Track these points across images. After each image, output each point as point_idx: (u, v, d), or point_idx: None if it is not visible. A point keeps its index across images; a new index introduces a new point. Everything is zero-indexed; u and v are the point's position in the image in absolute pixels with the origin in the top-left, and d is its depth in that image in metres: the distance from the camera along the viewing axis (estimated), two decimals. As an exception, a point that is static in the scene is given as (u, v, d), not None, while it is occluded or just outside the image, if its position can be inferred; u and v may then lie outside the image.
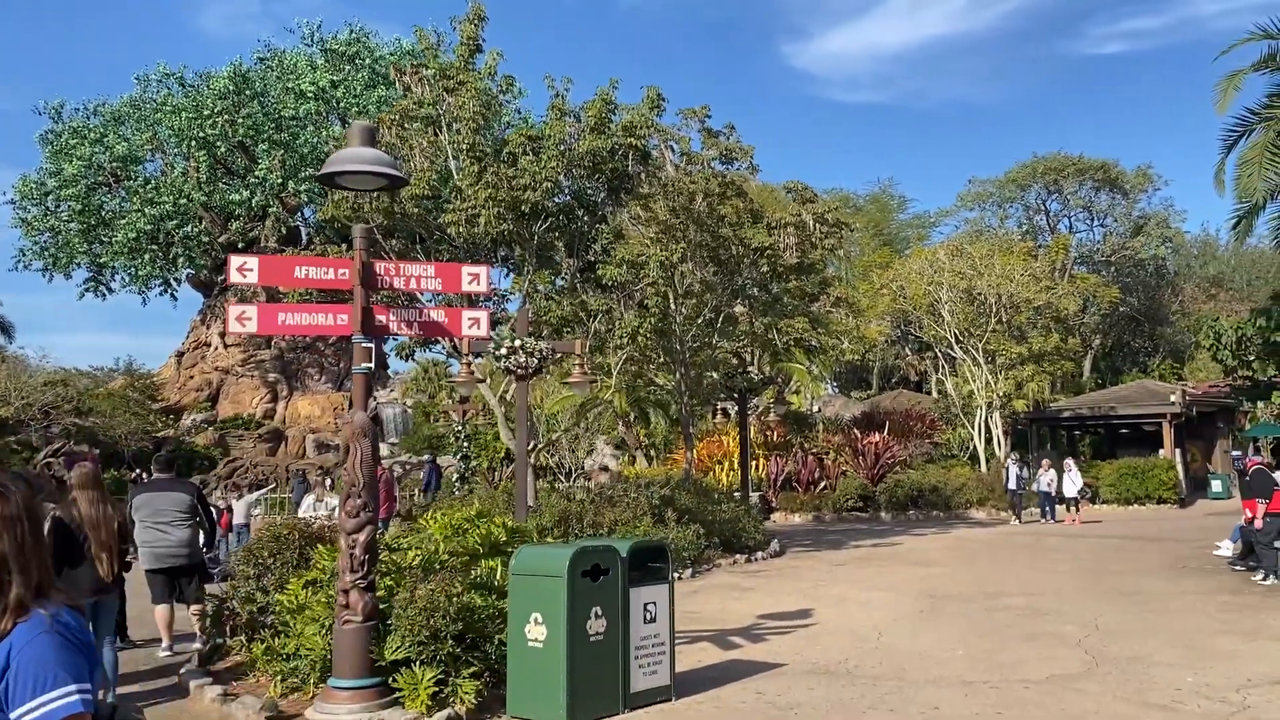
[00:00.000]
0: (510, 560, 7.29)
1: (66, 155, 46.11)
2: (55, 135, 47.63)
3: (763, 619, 11.80)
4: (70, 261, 48.57)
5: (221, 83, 45.27)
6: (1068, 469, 26.27)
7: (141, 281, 49.63)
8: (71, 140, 46.54)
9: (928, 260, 35.11)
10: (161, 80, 47.99)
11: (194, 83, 47.36)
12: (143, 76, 48.49)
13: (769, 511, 29.92)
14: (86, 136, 46.77)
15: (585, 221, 16.47)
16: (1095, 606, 12.06)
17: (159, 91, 48.14)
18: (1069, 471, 26.12)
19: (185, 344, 56.33)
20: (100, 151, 46.51)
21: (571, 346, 14.56)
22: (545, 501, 15.92)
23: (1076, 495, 25.77)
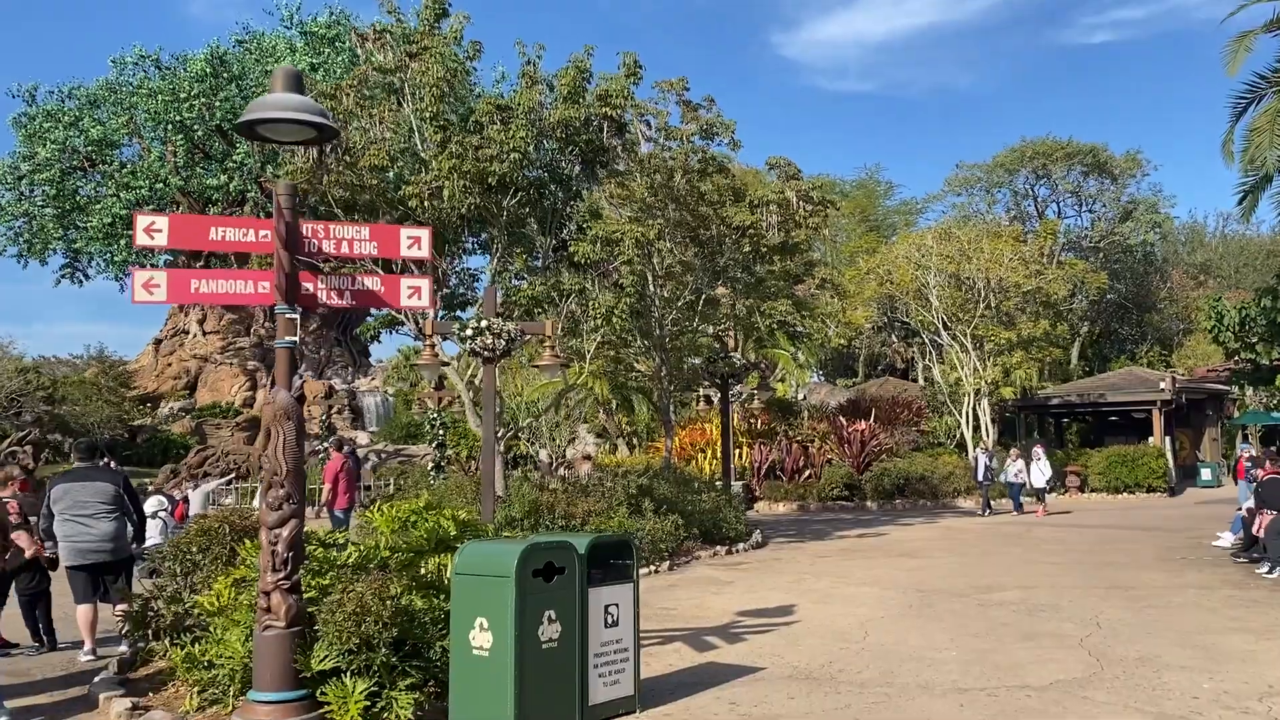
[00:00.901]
0: (454, 558, 6.50)
1: (40, 139, 44.92)
2: (29, 119, 46.40)
3: (742, 616, 11.06)
4: (45, 247, 47.43)
5: (199, 65, 44.20)
6: (1035, 458, 24.92)
7: (118, 267, 48.59)
8: (46, 123, 45.32)
9: (915, 244, 34.38)
10: (138, 63, 46.80)
11: (170, 65, 46.24)
12: (119, 59, 47.28)
13: (752, 501, 29.24)
14: (61, 120, 45.58)
15: (559, 197, 15.64)
16: (1094, 602, 11.37)
17: (135, 74, 46.95)
18: (1037, 461, 24.78)
19: (163, 331, 55.43)
20: (75, 135, 45.36)
21: (541, 328, 13.79)
22: (515, 492, 15.14)
23: (1044, 485, 24.65)
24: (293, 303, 6.40)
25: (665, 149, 18.34)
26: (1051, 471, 24.99)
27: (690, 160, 18.52)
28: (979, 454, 25.66)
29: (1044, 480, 24.50)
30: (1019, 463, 24.84)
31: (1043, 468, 24.50)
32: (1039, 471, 24.47)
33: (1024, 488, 24.54)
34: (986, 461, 24.92)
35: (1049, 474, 24.75)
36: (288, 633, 6.21)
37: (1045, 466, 24.58)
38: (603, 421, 38.30)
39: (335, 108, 14.13)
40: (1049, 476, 24.77)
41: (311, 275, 6.60)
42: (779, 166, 18.58)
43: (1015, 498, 24.63)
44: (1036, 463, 24.53)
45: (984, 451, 25.65)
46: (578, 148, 14.82)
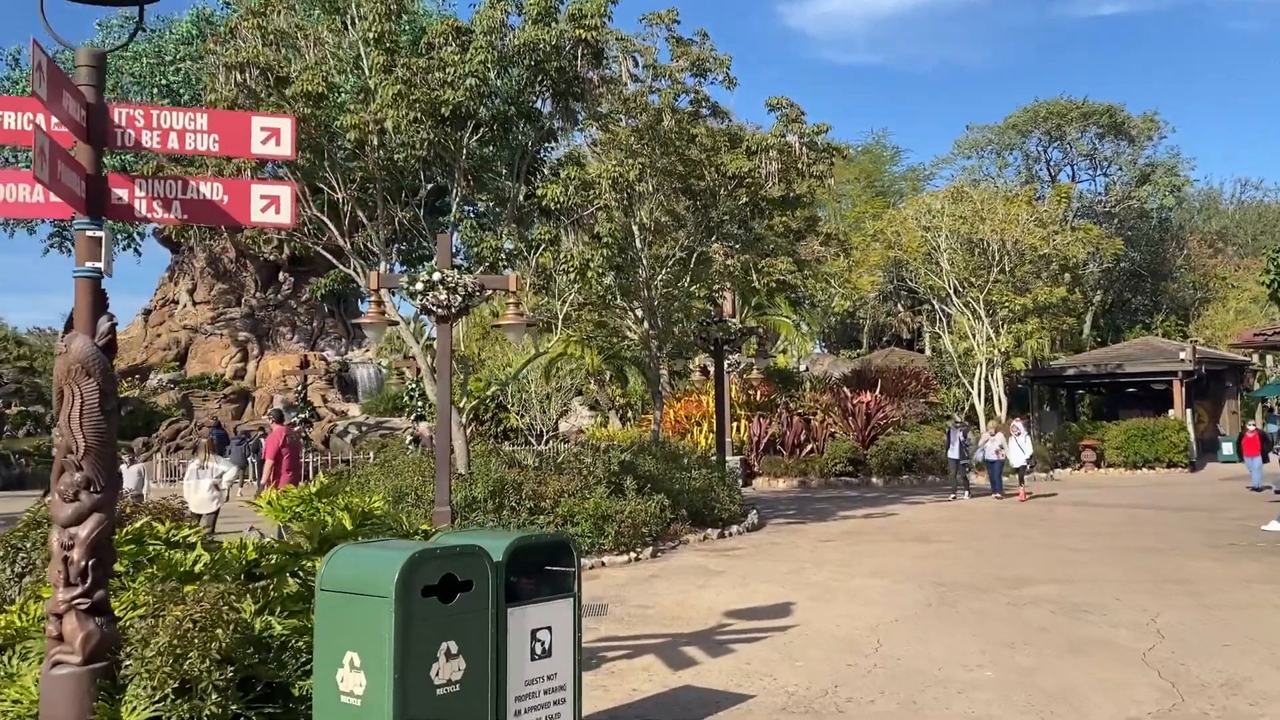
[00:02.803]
0: (320, 567, 4.75)
1: (25, 104, 43.08)
2: (13, 83, 44.60)
3: (730, 617, 9.35)
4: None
5: (184, 27, 42.44)
6: (1015, 433, 22.19)
7: (104, 236, 46.82)
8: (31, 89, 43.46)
9: (925, 206, 32.45)
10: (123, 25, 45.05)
11: (156, 28, 44.44)
12: (104, 22, 45.50)
13: (750, 477, 27.58)
14: (46, 85, 43.72)
15: (529, 135, 13.82)
16: (1146, 600, 9.65)
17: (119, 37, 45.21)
18: (1017, 436, 22.05)
19: (153, 301, 53.91)
20: (60, 100, 43.56)
21: (504, 281, 11.96)
22: (479, 470, 13.42)
23: (1025, 464, 21.79)
24: (98, 215, 4.63)
25: (653, 90, 16.51)
26: (1032, 449, 22.44)
27: (681, 100, 16.70)
28: (951, 427, 22.81)
29: (1024, 458, 21.80)
30: (998, 438, 22.22)
31: (1023, 444, 21.90)
32: (1019, 449, 21.79)
33: (1004, 466, 21.88)
34: (960, 436, 22.04)
35: (1029, 452, 22.15)
36: (85, 671, 4.49)
37: (1026, 443, 22.05)
38: (595, 393, 36.57)
39: (264, 26, 12.28)
40: (1029, 455, 22.15)
41: (127, 179, 4.82)
42: (780, 108, 16.71)
43: (995, 478, 21.88)
44: (1016, 438, 21.96)
45: (958, 425, 22.81)
46: (548, 78, 12.98)
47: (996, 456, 21.77)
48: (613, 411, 35.66)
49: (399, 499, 12.67)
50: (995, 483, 21.76)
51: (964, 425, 23.13)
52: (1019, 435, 21.91)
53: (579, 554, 5.23)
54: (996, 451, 21.80)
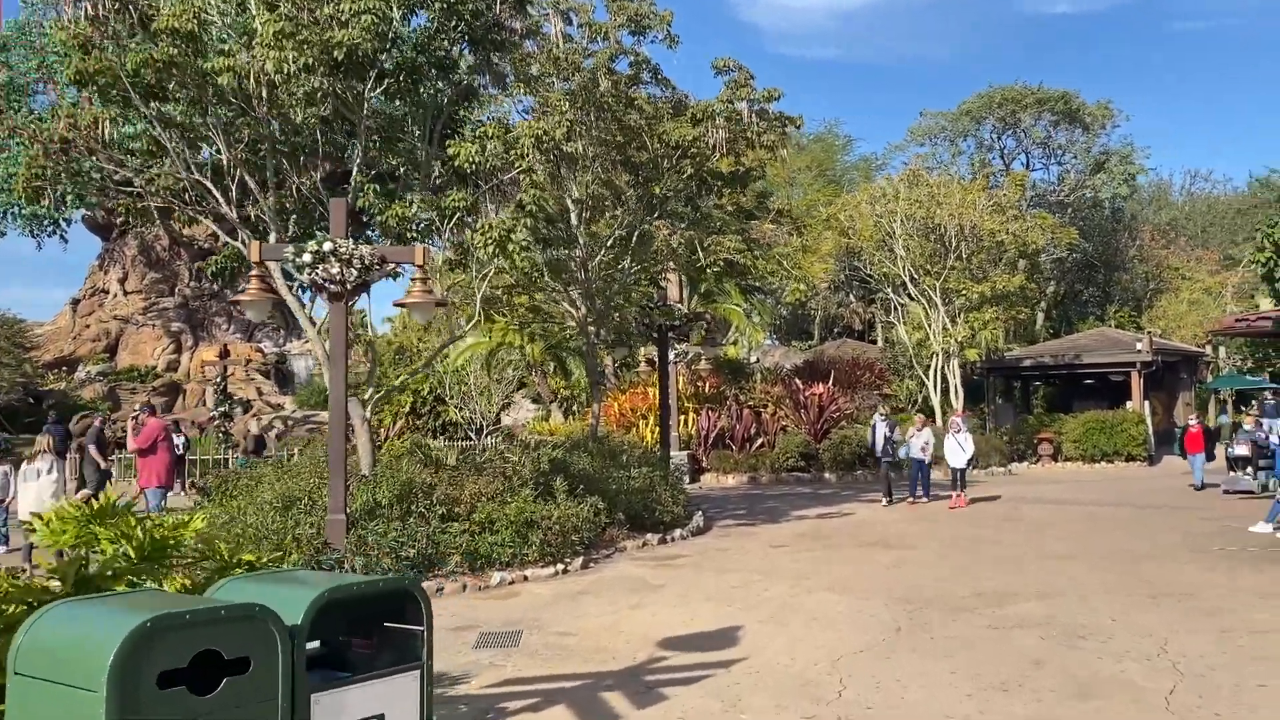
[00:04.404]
0: (15, 640, 3.14)
1: (-56, 85, 40.28)
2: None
3: (666, 648, 7.85)
4: (-52, 203, 42.77)
5: (116, 5, 39.82)
6: (954, 429, 18.80)
7: (26, 221, 44.14)
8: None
9: (880, 190, 31.25)
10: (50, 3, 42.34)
11: (87, 6, 41.81)
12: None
13: (699, 472, 26.18)
14: (-33, 64, 40.94)
15: (444, 92, 12.20)
16: (1148, 620, 8.32)
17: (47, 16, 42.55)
18: (956, 433, 18.57)
19: (82, 291, 51.26)
20: (-18, 80, 40.80)
21: (410, 254, 10.41)
22: (383, 472, 11.77)
23: (964, 465, 18.33)
24: None
25: (589, 54, 14.94)
26: (974, 449, 18.97)
27: (620, 64, 15.15)
28: (877, 421, 19.89)
29: (964, 459, 18.28)
30: (924, 433, 18.92)
31: (963, 442, 18.30)
32: (957, 447, 18.28)
33: (927, 465, 19.09)
34: (886, 432, 19.06)
35: (970, 451, 18.50)
36: None
37: (967, 441, 18.42)
38: (537, 386, 34.97)
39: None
40: (971, 455, 18.56)
41: None
42: (728, 71, 15.22)
43: (922, 479, 18.93)
44: (955, 435, 18.51)
45: (883, 419, 19.78)
46: (463, 22, 11.40)
47: (922, 455, 18.86)
48: (555, 404, 34.09)
49: (288, 505, 11.00)
50: (913, 485, 19.00)
51: (890, 418, 20.19)
52: (958, 432, 18.60)
53: (428, 605, 3.68)
54: (922, 449, 18.86)
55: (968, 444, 18.37)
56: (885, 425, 19.22)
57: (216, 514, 11.04)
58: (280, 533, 10.31)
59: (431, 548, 10.78)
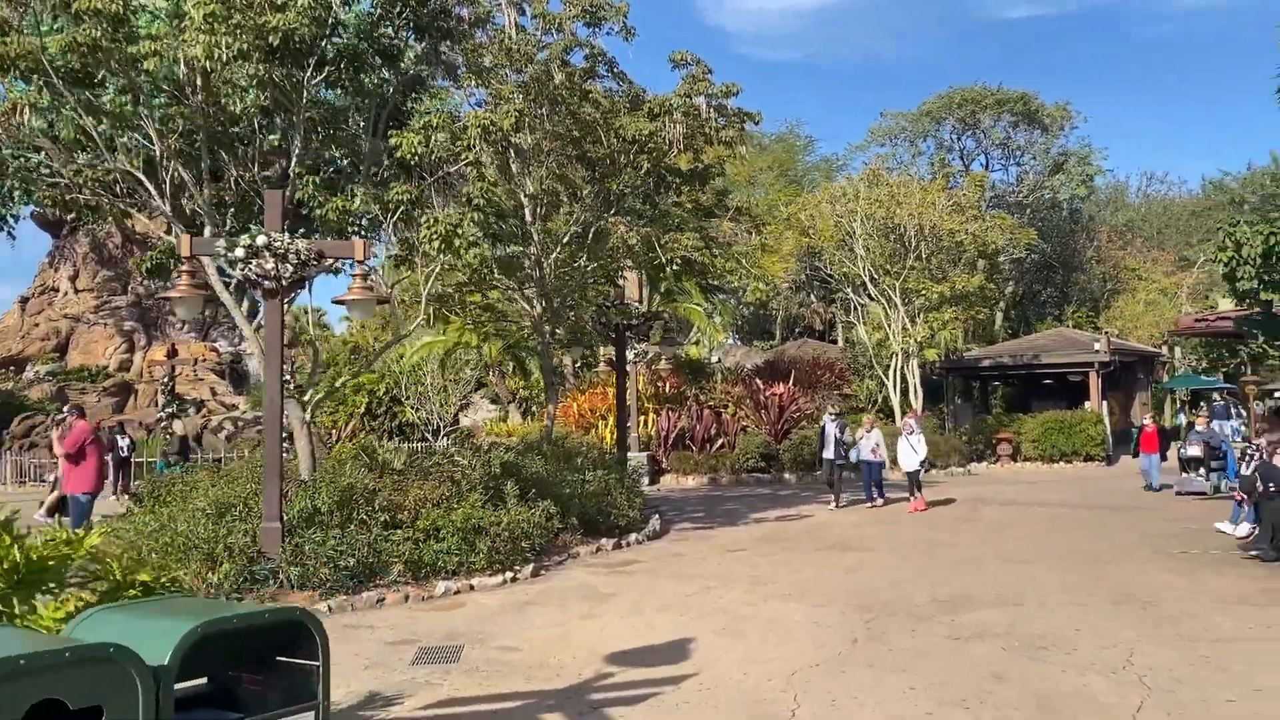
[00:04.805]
0: None
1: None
2: None
3: (614, 663, 7.48)
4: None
5: (61, -3, 38.65)
6: (906, 430, 18.09)
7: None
8: None
9: (840, 190, 31.09)
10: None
11: (30, -4, 40.50)
12: None
13: (658, 474, 25.88)
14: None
15: (389, 81, 11.74)
16: (1111, 627, 8.08)
17: (-9, 7, 41.20)
18: (909, 434, 17.86)
19: (31, 289, 50.01)
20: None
21: (349, 249, 9.96)
22: (323, 476, 11.29)
23: (917, 468, 17.66)
24: None
25: (542, 46, 14.54)
26: (926, 451, 18.20)
27: (575, 57, 14.77)
28: (827, 422, 19.03)
29: (917, 461, 17.61)
30: (874, 434, 18.26)
31: (915, 444, 17.64)
32: (910, 449, 17.63)
33: (877, 468, 18.39)
34: (836, 432, 18.26)
35: (923, 454, 17.84)
36: None
37: (919, 443, 17.72)
38: (494, 386, 34.49)
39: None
40: (924, 457, 17.89)
41: None
42: (686, 64, 14.88)
43: (875, 482, 18.29)
44: (908, 437, 17.82)
45: (833, 420, 18.85)
46: (408, 8, 10.96)
47: (874, 457, 18.19)
48: (513, 405, 33.63)
49: (223, 512, 10.49)
50: (868, 488, 18.33)
51: (840, 419, 19.34)
52: (911, 434, 17.89)
53: (323, 638, 3.27)
54: (873, 450, 18.19)
55: (920, 446, 17.74)
56: (835, 426, 18.49)
57: (145, 521, 10.52)
58: (211, 541, 9.81)
59: (373, 556, 10.32)
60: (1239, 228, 12.88)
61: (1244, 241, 12.48)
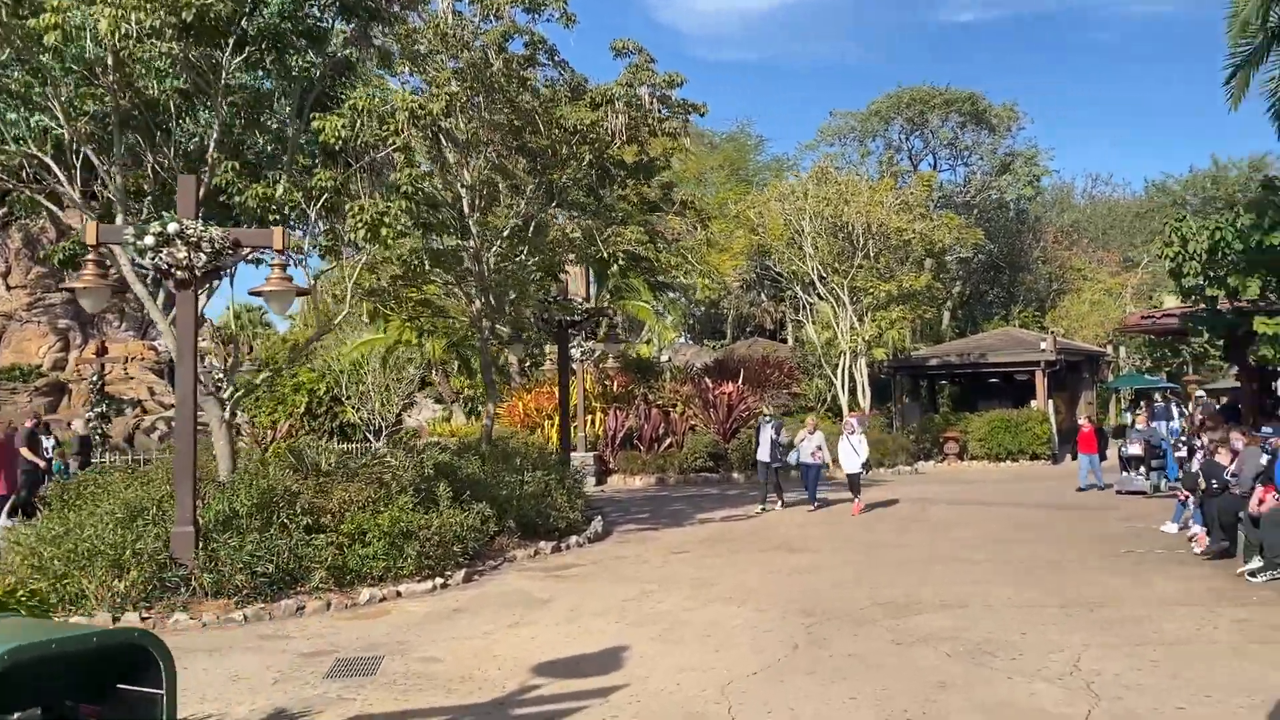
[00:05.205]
0: None
1: None
2: None
3: (541, 675, 7.06)
4: None
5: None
6: (847, 431, 17.36)
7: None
8: None
9: (789, 187, 30.93)
10: None
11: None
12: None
13: (605, 474, 25.48)
14: None
15: (314, 63, 11.19)
16: (1058, 634, 7.82)
17: None
18: (849, 434, 17.16)
19: (-41, 286, 48.08)
20: None
21: (266, 237, 9.43)
22: (243, 478, 10.72)
23: (858, 470, 17.06)
24: None
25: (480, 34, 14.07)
26: (867, 453, 17.55)
27: (514, 45, 14.33)
28: (761, 422, 18.40)
29: (858, 463, 16.98)
30: (816, 436, 17.62)
31: (857, 445, 16.95)
32: (851, 450, 16.93)
33: (819, 470, 17.73)
34: (772, 434, 17.62)
35: (864, 455, 17.16)
36: None
37: (861, 444, 17.05)
38: (438, 386, 33.84)
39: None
40: (865, 459, 17.22)
41: None
42: (628, 53, 14.49)
43: (811, 485, 17.57)
44: (849, 437, 17.10)
45: (769, 421, 18.21)
46: (332, -17, 10.48)
47: (814, 459, 17.53)
48: (457, 404, 33.02)
49: (134, 516, 9.89)
50: (811, 491, 17.56)
51: (776, 420, 18.73)
52: (851, 434, 17.19)
53: (169, 664, 2.83)
54: (814, 453, 17.53)
55: (861, 447, 17.14)
56: (771, 428, 17.83)
57: (49, 527, 9.89)
58: (119, 547, 9.22)
59: (294, 562, 9.81)
60: (1185, 223, 12.79)
61: (1190, 237, 12.39)
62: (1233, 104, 12.54)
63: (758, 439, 18.31)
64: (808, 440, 17.64)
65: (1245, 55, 12.51)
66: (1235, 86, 12.70)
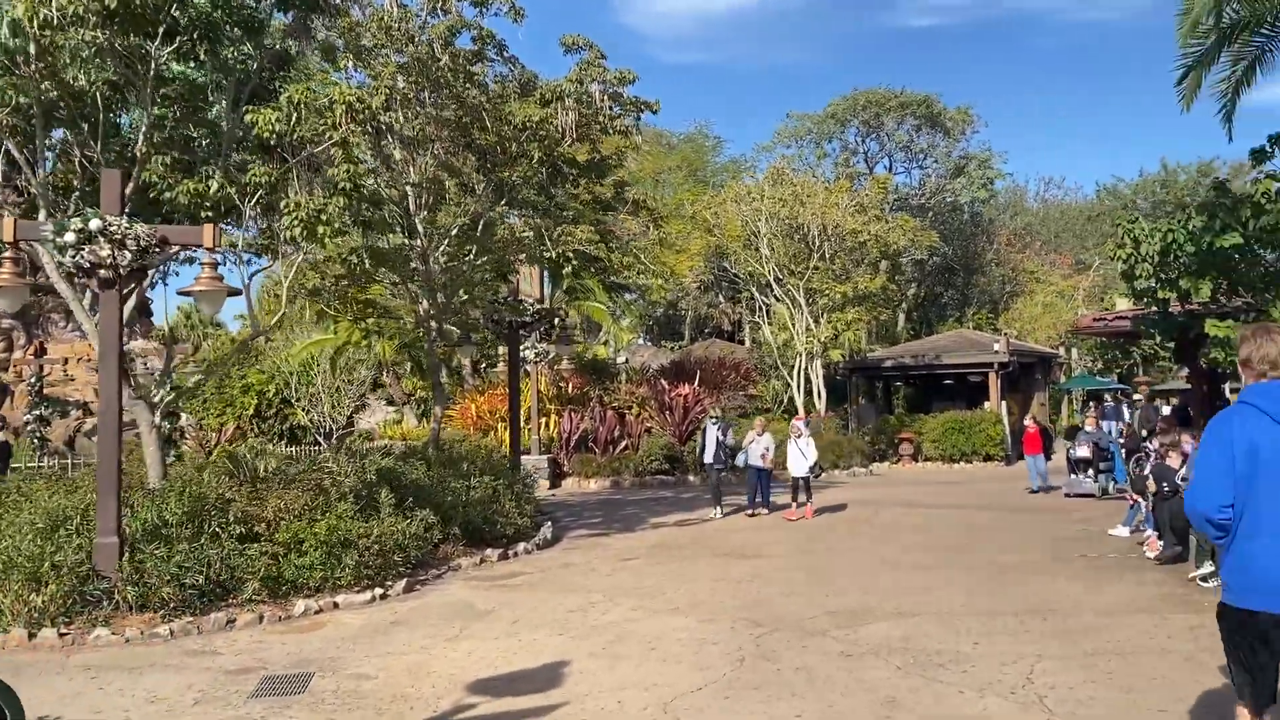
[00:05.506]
0: None
1: None
2: None
3: (476, 693, 6.76)
4: None
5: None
6: (794, 434, 16.95)
7: None
8: None
9: (745, 188, 30.81)
10: None
11: None
12: None
13: (560, 477, 25.15)
14: None
15: (251, 55, 10.79)
16: (1010, 644, 7.65)
17: None
18: (796, 438, 16.79)
19: (-106, 287, 46.53)
20: None
21: (196, 235, 9.04)
22: (174, 484, 10.29)
23: (806, 474, 16.55)
24: None
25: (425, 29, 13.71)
26: (816, 455, 16.89)
27: (462, 40, 13.99)
28: (709, 425, 17.95)
29: (806, 466, 16.53)
30: (765, 438, 17.12)
31: (804, 447, 16.55)
32: (799, 453, 16.56)
33: (766, 474, 17.24)
34: (719, 435, 17.28)
35: (813, 458, 16.63)
36: None
37: (808, 446, 16.62)
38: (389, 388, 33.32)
39: None
40: (813, 462, 16.67)
41: None
42: (579, 49, 14.20)
43: (760, 488, 17.11)
44: (796, 440, 16.72)
45: (715, 422, 17.85)
46: (267, -29, 10.09)
47: (763, 462, 17.03)
48: (408, 407, 32.53)
49: (57, 525, 9.43)
50: (752, 495, 17.14)
51: (723, 421, 18.34)
52: (799, 437, 16.83)
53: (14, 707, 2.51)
54: (763, 455, 17.02)
55: (809, 450, 16.65)
56: (718, 429, 17.46)
57: (-38, 538, 9.39)
58: (37, 559, 8.77)
59: (225, 572, 9.41)
60: (1137, 224, 12.75)
61: (1142, 239, 12.35)
62: (1185, 104, 12.56)
63: (703, 441, 17.90)
64: (756, 442, 17.18)
65: (1197, 56, 12.51)
66: (1187, 87, 12.71)
